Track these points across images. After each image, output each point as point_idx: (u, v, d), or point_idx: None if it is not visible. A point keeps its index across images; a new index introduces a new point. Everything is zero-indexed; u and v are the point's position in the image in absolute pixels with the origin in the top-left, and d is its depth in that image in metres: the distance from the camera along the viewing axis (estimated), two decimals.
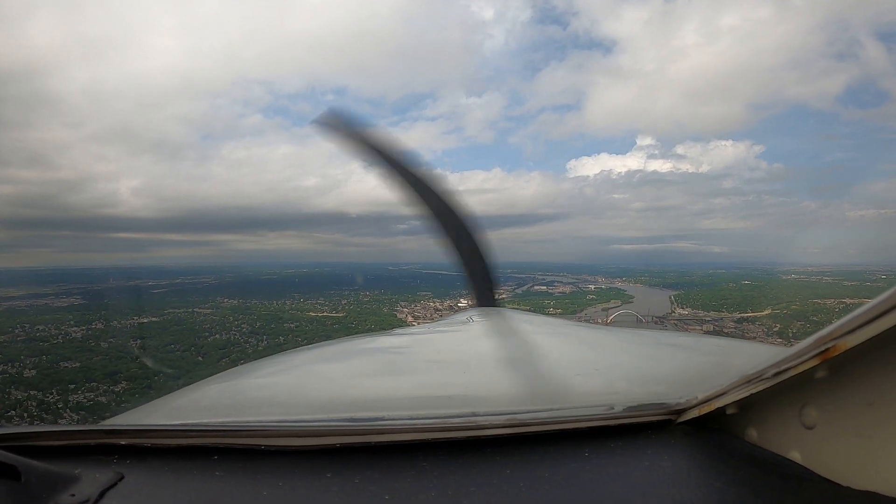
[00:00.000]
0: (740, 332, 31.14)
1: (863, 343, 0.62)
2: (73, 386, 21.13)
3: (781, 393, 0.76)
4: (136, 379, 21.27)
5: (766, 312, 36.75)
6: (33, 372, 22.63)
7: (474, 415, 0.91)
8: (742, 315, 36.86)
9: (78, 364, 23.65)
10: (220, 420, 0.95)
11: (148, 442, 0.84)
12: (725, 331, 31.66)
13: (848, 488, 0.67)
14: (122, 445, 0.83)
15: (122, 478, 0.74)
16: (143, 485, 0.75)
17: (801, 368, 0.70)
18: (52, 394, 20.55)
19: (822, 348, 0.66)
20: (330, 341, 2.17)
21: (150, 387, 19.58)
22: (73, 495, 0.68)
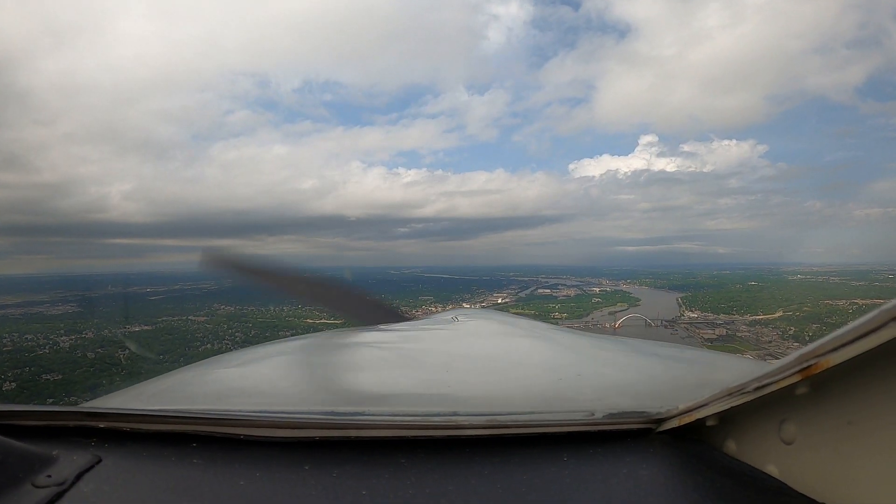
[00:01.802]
0: (754, 336, 30.35)
1: (846, 362, 0.62)
2: (51, 400, 19.91)
3: (762, 407, 0.75)
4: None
5: (778, 314, 36.03)
6: (13, 385, 21.51)
7: (455, 414, 0.91)
8: (754, 318, 36.03)
9: (60, 376, 22.55)
10: (199, 407, 0.93)
11: (127, 426, 0.83)
12: (739, 334, 30.85)
13: None
14: (101, 428, 0.82)
15: (99, 461, 0.74)
16: (120, 469, 0.75)
17: (782, 384, 0.70)
18: None
19: (805, 365, 0.66)
20: (313, 334, 2.11)
21: None
22: (50, 476, 0.68)
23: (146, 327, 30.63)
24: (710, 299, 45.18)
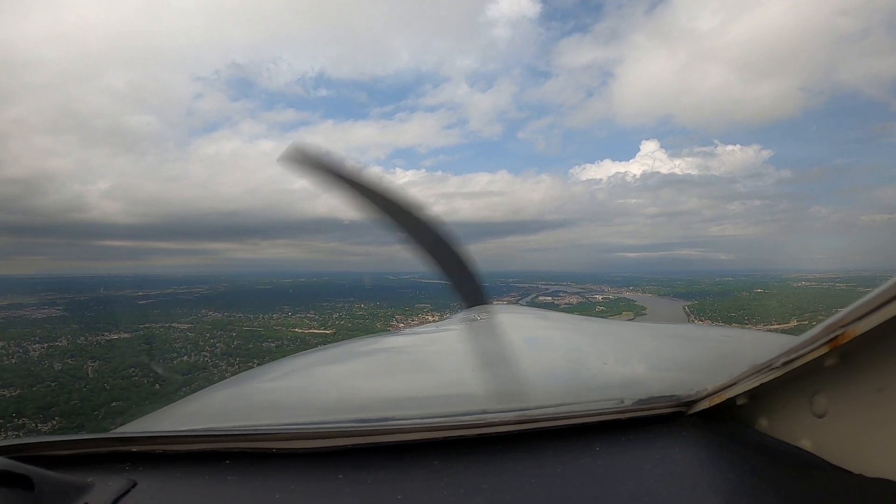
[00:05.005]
0: None
1: (873, 329, 0.62)
2: None
3: (791, 382, 0.77)
4: (70, 415, 18.53)
5: (793, 324, 34.46)
6: None
7: (484, 412, 0.91)
8: (768, 328, 34.49)
9: (17, 392, 20.81)
10: (230, 425, 0.95)
11: (159, 448, 0.84)
12: None
13: (860, 476, 0.67)
14: (134, 452, 0.84)
15: (134, 485, 0.75)
16: (155, 491, 0.76)
17: (810, 357, 0.71)
18: None
19: (832, 336, 0.67)
20: (337, 343, 2.13)
21: (82, 426, 16.75)
22: (87, 503, 0.69)
23: (125, 335, 28.94)
24: (718, 308, 43.45)
